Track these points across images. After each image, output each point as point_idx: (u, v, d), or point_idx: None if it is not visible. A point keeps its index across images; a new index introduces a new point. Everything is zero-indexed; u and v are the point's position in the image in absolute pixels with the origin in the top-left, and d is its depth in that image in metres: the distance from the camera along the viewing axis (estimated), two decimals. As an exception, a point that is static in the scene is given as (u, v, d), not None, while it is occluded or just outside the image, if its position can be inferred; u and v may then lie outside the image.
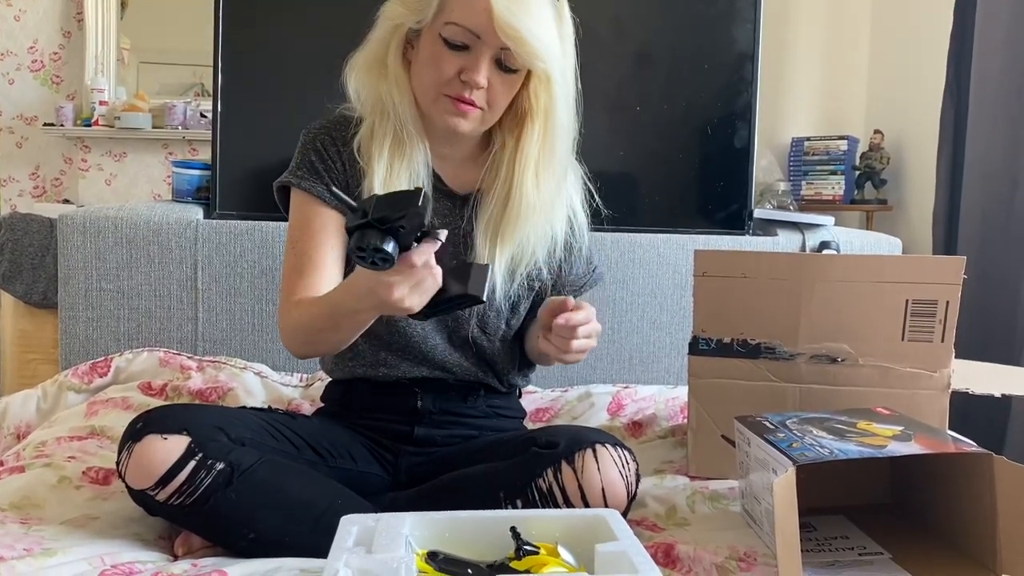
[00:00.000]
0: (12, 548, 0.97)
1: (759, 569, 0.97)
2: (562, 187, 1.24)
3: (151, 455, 0.99)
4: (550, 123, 1.18)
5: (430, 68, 1.12)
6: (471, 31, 1.09)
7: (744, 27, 2.03)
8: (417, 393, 1.24)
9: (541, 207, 1.20)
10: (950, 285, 1.20)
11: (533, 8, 1.08)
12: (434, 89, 1.13)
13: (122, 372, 1.69)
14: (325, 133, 1.22)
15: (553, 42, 1.11)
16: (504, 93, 1.14)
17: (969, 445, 1.03)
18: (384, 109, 1.18)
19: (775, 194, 2.92)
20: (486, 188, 1.22)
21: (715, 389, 1.30)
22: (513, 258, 1.21)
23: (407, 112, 1.17)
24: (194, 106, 3.84)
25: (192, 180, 2.01)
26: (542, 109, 1.17)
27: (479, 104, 1.13)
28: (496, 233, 1.19)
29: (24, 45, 3.90)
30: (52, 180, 3.96)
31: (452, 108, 1.13)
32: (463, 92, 1.12)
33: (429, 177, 1.20)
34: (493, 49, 1.10)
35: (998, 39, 2.40)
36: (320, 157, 1.21)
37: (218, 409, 1.15)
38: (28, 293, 2.35)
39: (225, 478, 1.00)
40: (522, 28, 1.07)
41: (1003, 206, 2.37)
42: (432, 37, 1.12)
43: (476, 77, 1.10)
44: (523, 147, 1.18)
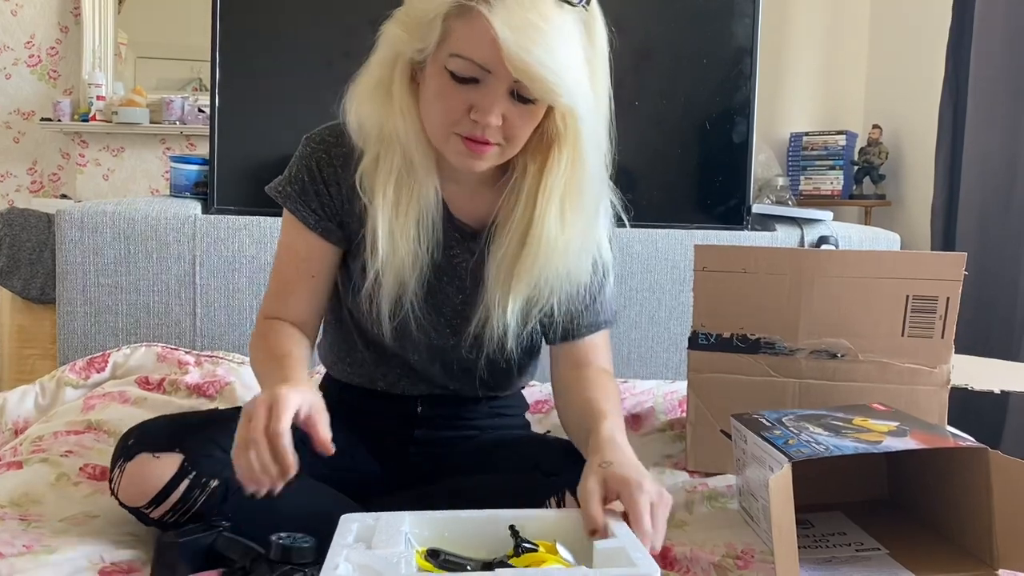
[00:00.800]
0: (11, 544, 0.97)
1: (756, 567, 0.97)
2: (592, 229, 1.08)
3: (143, 474, 0.96)
4: (578, 157, 1.02)
5: (437, 104, 0.98)
6: (479, 65, 0.93)
7: (743, 22, 2.03)
8: (416, 399, 1.21)
9: (565, 247, 1.04)
10: (951, 281, 1.20)
11: (550, 36, 0.91)
12: (443, 128, 0.99)
13: (120, 367, 1.69)
14: (324, 151, 1.10)
15: (576, 72, 0.94)
16: (524, 126, 0.99)
17: (966, 440, 1.03)
18: (390, 138, 1.04)
19: (773, 189, 2.92)
20: (502, 220, 1.07)
21: (714, 384, 1.30)
22: (528, 300, 1.07)
23: (415, 144, 1.03)
24: (192, 101, 3.83)
25: (190, 175, 2.01)
26: (571, 138, 1.01)
27: (495, 141, 0.98)
28: (510, 272, 1.05)
29: (21, 40, 3.89)
30: (50, 175, 3.95)
31: (465, 149, 0.99)
32: (475, 132, 0.97)
33: (440, 214, 1.08)
34: (506, 82, 0.94)
35: (997, 34, 2.40)
36: (313, 178, 1.10)
37: (212, 419, 1.10)
38: (26, 288, 2.35)
39: (220, 495, 0.97)
40: (535, 63, 0.90)
41: (1002, 201, 2.37)
42: (437, 69, 0.97)
43: (488, 118, 0.95)
44: (547, 177, 1.02)
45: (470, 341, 1.12)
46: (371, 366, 1.20)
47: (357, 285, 1.11)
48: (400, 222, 1.04)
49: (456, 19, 0.93)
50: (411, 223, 1.05)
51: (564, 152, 1.01)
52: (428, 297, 1.11)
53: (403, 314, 1.09)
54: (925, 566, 0.95)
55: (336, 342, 1.23)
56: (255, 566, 0.86)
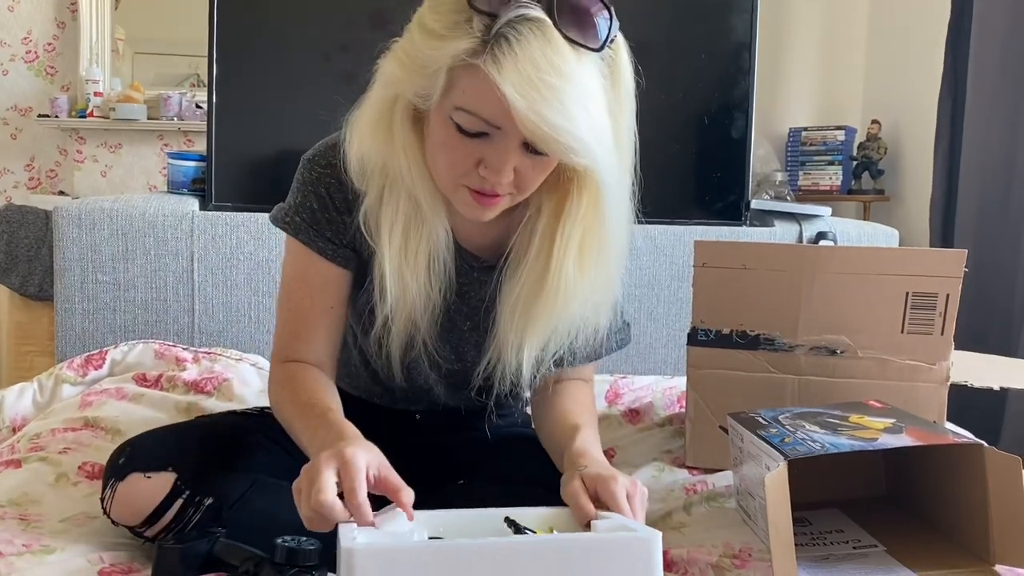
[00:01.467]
0: (11, 544, 0.97)
1: (754, 565, 0.97)
2: (614, 279, 1.02)
3: (135, 495, 0.94)
4: (599, 212, 0.94)
5: (443, 156, 0.90)
6: (487, 121, 0.85)
7: (741, 17, 2.02)
8: (415, 412, 1.20)
9: (583, 295, 0.98)
10: (951, 278, 1.20)
11: (564, 93, 0.81)
12: (450, 180, 0.92)
13: (117, 364, 1.69)
14: (332, 175, 1.02)
15: (596, 130, 0.85)
16: (536, 176, 0.91)
17: (963, 437, 1.03)
18: (394, 179, 0.96)
19: (772, 184, 2.92)
20: (516, 258, 1.00)
21: (713, 380, 1.29)
22: (544, 348, 1.01)
23: (420, 184, 0.95)
24: (189, 97, 3.83)
25: (188, 171, 2.00)
26: (590, 187, 0.92)
27: (505, 192, 0.91)
28: (526, 317, 0.99)
29: (18, 36, 3.88)
30: (47, 172, 3.94)
31: (473, 202, 0.92)
32: (484, 186, 0.90)
33: (451, 252, 1.01)
34: (518, 138, 0.86)
35: (996, 29, 2.40)
36: (324, 205, 1.02)
37: (205, 429, 1.07)
38: (24, 285, 2.35)
39: (214, 513, 0.95)
40: (548, 126, 0.81)
41: (1000, 196, 2.37)
42: (442, 119, 0.88)
43: (499, 176, 0.88)
44: (565, 221, 0.95)
45: (481, 379, 1.07)
46: (369, 384, 1.18)
47: (365, 325, 1.07)
48: (410, 264, 0.98)
49: (461, 71, 0.84)
50: (421, 265, 0.98)
51: (583, 196, 0.93)
52: (441, 335, 1.07)
53: (415, 354, 1.05)
54: (923, 563, 0.95)
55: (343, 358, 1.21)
56: (260, 570, 0.86)
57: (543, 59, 0.81)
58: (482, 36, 0.82)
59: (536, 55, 0.81)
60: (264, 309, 1.87)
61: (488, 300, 1.05)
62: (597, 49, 0.85)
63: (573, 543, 0.75)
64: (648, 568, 0.74)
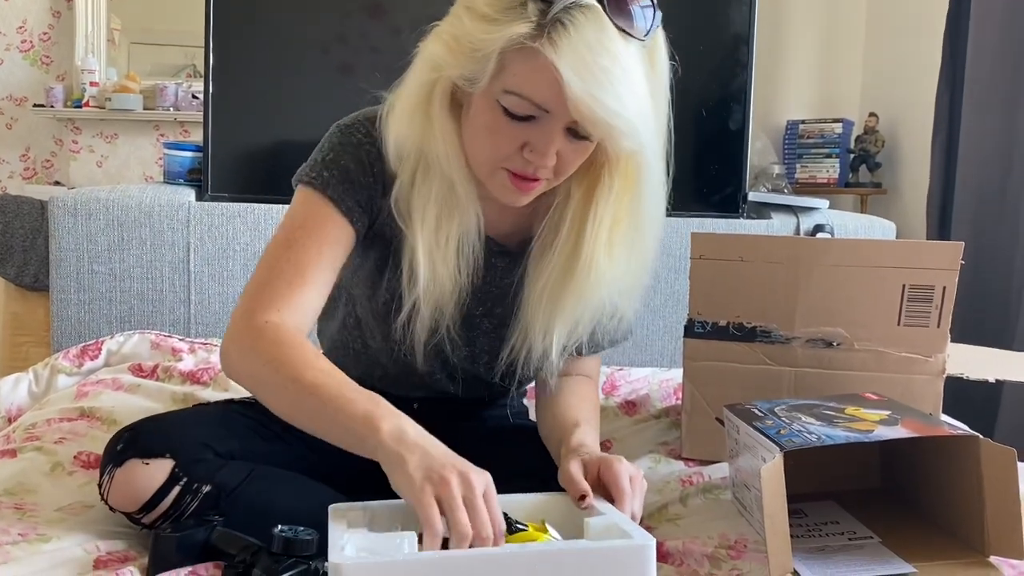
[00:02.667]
0: (7, 533, 0.97)
1: (749, 556, 0.97)
2: (645, 266, 1.03)
3: (133, 482, 0.94)
4: (635, 198, 0.97)
5: (487, 139, 0.92)
6: (537, 104, 0.87)
7: (739, 9, 2.02)
8: (412, 401, 1.20)
9: (611, 281, 1.00)
10: (947, 271, 1.20)
11: (616, 77, 0.84)
12: (491, 163, 0.93)
13: (113, 355, 1.69)
14: (372, 145, 1.00)
15: (644, 115, 0.88)
16: (575, 161, 0.94)
17: (957, 428, 1.03)
18: (428, 160, 0.96)
19: (770, 177, 2.92)
20: (544, 244, 1.02)
21: (710, 372, 1.30)
22: (569, 334, 1.03)
23: (456, 169, 0.95)
24: (186, 87, 3.81)
25: (184, 162, 2.00)
26: (627, 171, 0.95)
27: (544, 177, 0.93)
28: (554, 302, 1.00)
29: (13, 25, 3.86)
30: (43, 162, 3.93)
31: (511, 185, 0.93)
32: (526, 169, 0.91)
33: (482, 242, 1.01)
34: (564, 121, 0.88)
35: (994, 22, 2.40)
36: (363, 170, 1.00)
37: (203, 417, 1.06)
38: (19, 275, 2.34)
39: (212, 501, 0.96)
40: (602, 108, 0.84)
41: (997, 189, 2.37)
42: (489, 103, 0.90)
43: (544, 159, 0.90)
44: (596, 206, 0.97)
45: (505, 364, 1.08)
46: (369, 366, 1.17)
47: (383, 309, 1.07)
48: (441, 248, 0.97)
49: (515, 54, 0.86)
50: (451, 250, 0.98)
51: (614, 180, 0.96)
52: (463, 321, 1.07)
53: (437, 339, 1.05)
54: (917, 554, 0.95)
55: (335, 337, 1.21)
56: (257, 559, 0.86)
57: (598, 44, 0.83)
58: (538, 20, 0.84)
59: (591, 40, 0.83)
60: (260, 300, 1.87)
61: (513, 288, 1.06)
62: (643, 38, 0.87)
63: (567, 554, 0.74)
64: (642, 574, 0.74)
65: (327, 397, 0.87)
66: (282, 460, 1.07)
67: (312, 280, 0.96)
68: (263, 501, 0.98)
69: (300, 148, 1.11)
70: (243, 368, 0.94)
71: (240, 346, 0.93)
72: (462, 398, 1.19)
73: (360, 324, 1.15)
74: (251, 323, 0.93)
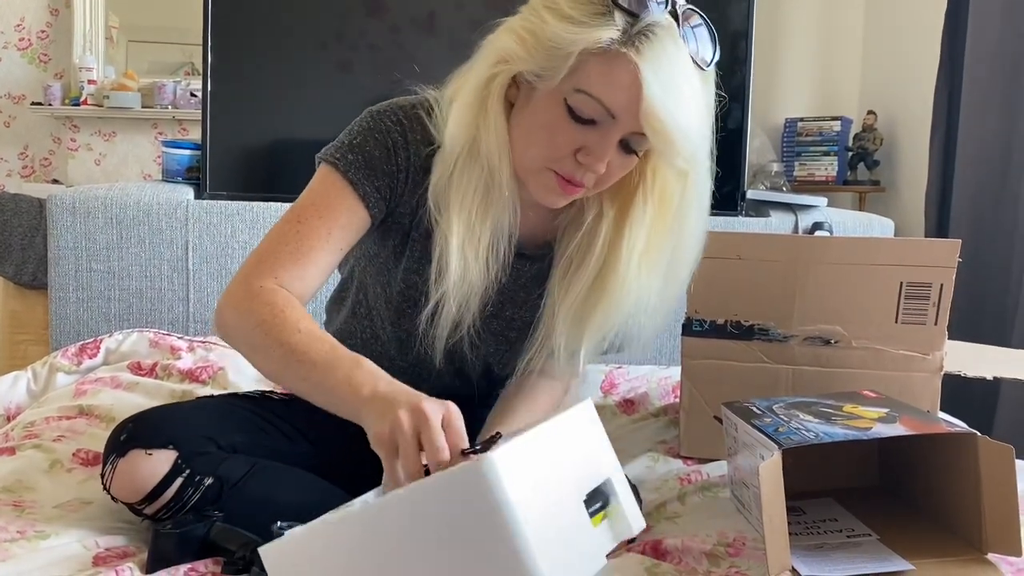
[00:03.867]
0: (5, 530, 0.97)
1: (748, 553, 0.97)
2: (676, 290, 1.05)
3: (136, 472, 0.95)
4: (670, 210, 0.98)
5: (543, 136, 0.93)
6: (606, 108, 0.89)
7: (738, 7, 2.02)
8: None
9: (642, 303, 1.02)
10: (944, 268, 1.20)
11: (686, 94, 0.88)
12: (541, 161, 0.94)
13: (112, 353, 1.69)
14: (401, 134, 1.01)
15: (703, 137, 0.92)
16: (619, 173, 0.96)
17: (956, 426, 1.03)
18: (474, 152, 0.97)
19: (768, 175, 2.92)
20: (574, 259, 1.03)
21: (708, 370, 1.30)
22: (588, 352, 1.06)
23: (501, 164, 0.96)
24: (184, 85, 3.81)
25: (182, 160, 2.00)
26: (658, 188, 0.98)
27: (587, 185, 0.95)
28: (581, 318, 1.03)
29: (11, 23, 3.85)
30: (41, 160, 3.93)
31: (556, 187, 0.95)
32: (575, 174, 0.93)
33: (511, 239, 1.01)
34: (625, 131, 0.91)
35: (993, 20, 2.40)
36: (388, 157, 1.00)
37: (207, 410, 1.07)
38: (18, 274, 2.34)
39: (214, 493, 0.96)
40: (671, 122, 0.87)
41: (995, 187, 2.37)
42: (554, 100, 0.91)
43: (598, 165, 0.91)
44: (630, 227, 0.99)
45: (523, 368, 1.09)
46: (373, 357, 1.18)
47: (401, 298, 1.08)
48: (473, 243, 0.98)
49: (596, 57, 0.88)
50: (484, 245, 0.99)
51: (648, 204, 0.98)
52: (486, 323, 1.08)
53: (459, 336, 1.05)
54: (916, 551, 0.95)
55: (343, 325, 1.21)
56: (256, 555, 0.87)
57: (678, 61, 0.88)
58: (624, 28, 0.88)
59: (672, 56, 0.88)
60: (259, 298, 1.87)
61: (535, 296, 1.08)
62: (705, 67, 0.92)
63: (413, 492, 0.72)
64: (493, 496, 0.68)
65: (312, 362, 0.88)
66: (284, 455, 1.08)
67: (315, 259, 0.97)
68: (265, 495, 0.99)
69: (299, 146, 1.12)
70: (235, 329, 0.95)
71: (235, 308, 0.94)
72: (463, 394, 1.19)
73: (371, 314, 1.15)
74: (248, 287, 0.94)
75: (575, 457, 0.81)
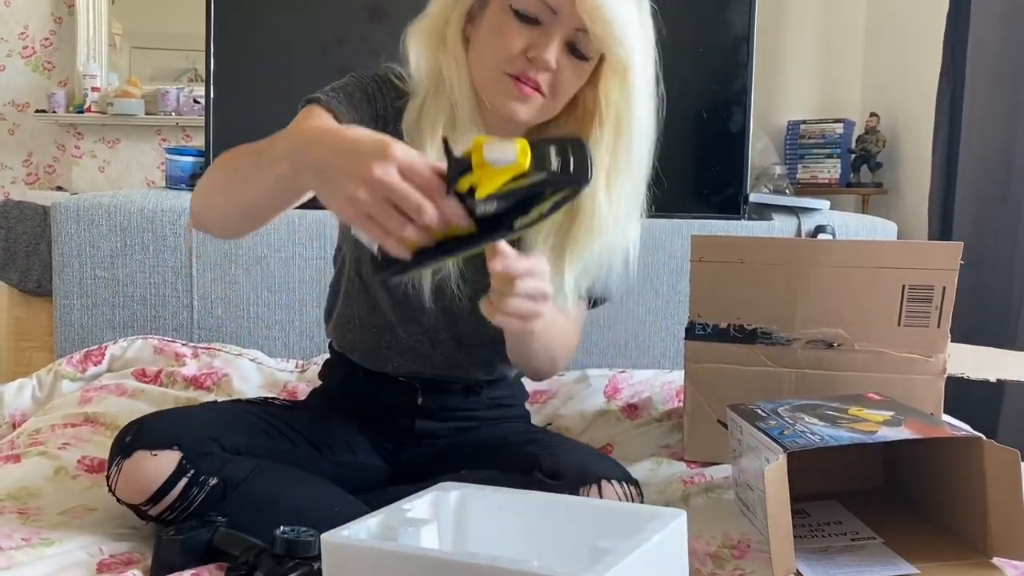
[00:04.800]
0: (10, 538, 0.97)
1: (752, 556, 0.97)
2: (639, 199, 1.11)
3: (141, 472, 0.96)
4: (625, 124, 1.04)
5: (494, 42, 1.01)
6: (548, 4, 0.97)
7: (740, 9, 2.02)
8: (417, 389, 1.20)
9: (615, 222, 1.06)
10: (947, 271, 1.20)
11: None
12: (495, 67, 1.01)
13: (116, 360, 1.69)
14: (376, 86, 1.09)
15: (636, 27, 1.00)
16: (571, 81, 1.02)
17: (961, 429, 1.03)
18: (440, 84, 1.05)
19: (771, 178, 2.92)
20: None
21: (711, 374, 1.30)
22: (577, 280, 1.08)
23: (462, 92, 1.04)
24: (187, 92, 3.82)
25: (186, 166, 2.00)
26: (613, 109, 1.04)
27: (543, 89, 1.01)
28: (562, 249, 1.05)
29: (15, 31, 3.87)
30: (45, 167, 3.94)
31: (513, 90, 1.01)
32: (528, 71, 1.00)
33: None
34: (568, 29, 0.99)
35: (994, 22, 2.40)
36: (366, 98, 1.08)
37: (211, 413, 1.10)
38: (22, 281, 2.35)
39: (219, 493, 0.97)
40: (606, 8, 0.95)
41: (998, 190, 2.37)
42: (500, 8, 1.00)
43: (546, 55, 0.98)
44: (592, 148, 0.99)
45: None
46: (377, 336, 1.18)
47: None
48: None
49: None
50: None
51: (606, 127, 1.04)
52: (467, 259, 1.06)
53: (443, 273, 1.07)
54: (920, 555, 0.95)
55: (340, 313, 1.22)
56: (260, 561, 0.87)
57: None
58: None
59: None
60: (263, 304, 1.87)
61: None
62: None
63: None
64: None
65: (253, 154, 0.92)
66: (288, 458, 1.09)
67: None
68: (269, 495, 1.00)
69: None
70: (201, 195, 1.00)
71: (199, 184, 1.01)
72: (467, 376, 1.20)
73: (367, 288, 1.16)
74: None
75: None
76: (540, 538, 0.80)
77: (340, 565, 0.71)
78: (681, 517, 0.74)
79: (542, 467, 1.02)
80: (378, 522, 0.76)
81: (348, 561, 0.71)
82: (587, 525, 0.78)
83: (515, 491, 0.85)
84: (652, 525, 0.72)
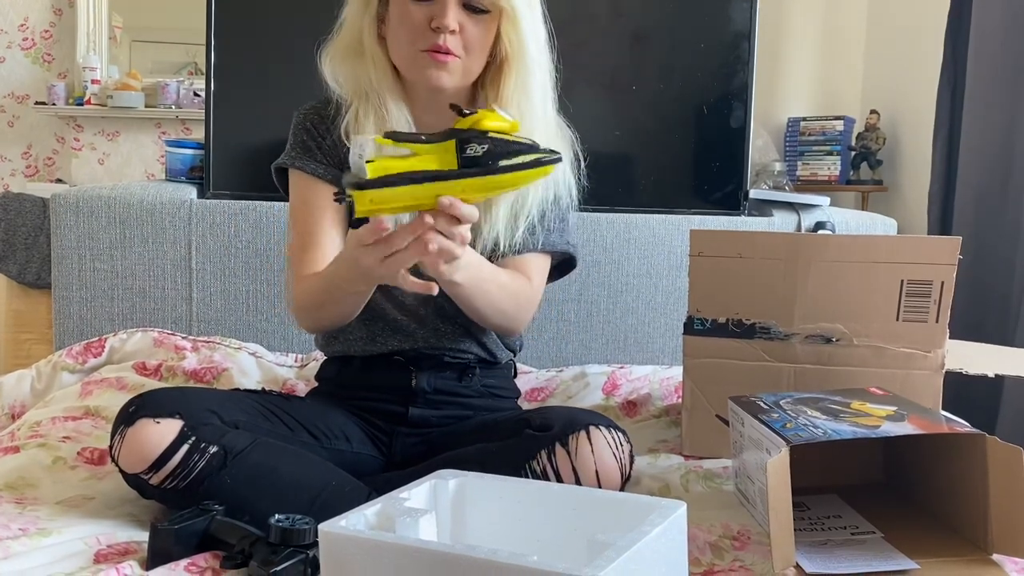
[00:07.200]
0: (7, 528, 0.97)
1: (752, 547, 0.98)
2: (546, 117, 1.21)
3: (144, 439, 0.99)
4: (522, 60, 1.16)
5: (401, 28, 1.14)
6: None
7: (740, 6, 2.01)
8: (411, 372, 1.24)
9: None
10: (945, 266, 1.20)
11: None
12: (409, 47, 1.14)
13: (116, 352, 1.69)
14: (314, 113, 1.26)
15: None
16: (479, 36, 1.14)
17: (962, 425, 1.03)
18: (364, 91, 1.19)
19: (771, 174, 2.91)
20: None
21: (710, 369, 1.30)
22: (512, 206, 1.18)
23: (385, 86, 1.18)
24: (187, 85, 3.82)
25: (185, 159, 2.00)
26: (516, 51, 1.16)
27: (456, 52, 1.13)
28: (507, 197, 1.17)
29: (15, 23, 3.86)
30: (45, 159, 3.94)
31: (430, 61, 1.13)
32: (436, 40, 1.12)
33: None
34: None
35: (995, 19, 2.39)
36: (311, 135, 1.25)
37: (212, 392, 1.15)
38: (22, 273, 2.35)
39: (219, 461, 1.00)
40: None
41: (998, 187, 2.37)
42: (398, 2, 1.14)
43: (445, 20, 1.11)
44: (502, 92, 1.17)
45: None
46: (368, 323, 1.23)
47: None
48: None
49: None
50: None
51: (513, 67, 1.16)
52: None
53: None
54: (920, 550, 0.95)
55: None
56: (255, 549, 0.87)
57: None
58: None
59: None
60: (262, 297, 1.87)
61: None
62: None
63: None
64: None
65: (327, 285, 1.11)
66: (285, 442, 1.11)
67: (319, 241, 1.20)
68: (268, 465, 1.02)
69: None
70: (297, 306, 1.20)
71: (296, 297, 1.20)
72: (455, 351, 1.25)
73: None
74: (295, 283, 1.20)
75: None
76: (539, 527, 0.80)
77: (338, 557, 0.71)
78: (681, 509, 0.74)
79: (532, 424, 1.07)
80: (375, 512, 0.76)
81: (346, 553, 0.71)
82: (586, 515, 0.78)
83: (513, 479, 0.85)
84: (652, 517, 0.72)
